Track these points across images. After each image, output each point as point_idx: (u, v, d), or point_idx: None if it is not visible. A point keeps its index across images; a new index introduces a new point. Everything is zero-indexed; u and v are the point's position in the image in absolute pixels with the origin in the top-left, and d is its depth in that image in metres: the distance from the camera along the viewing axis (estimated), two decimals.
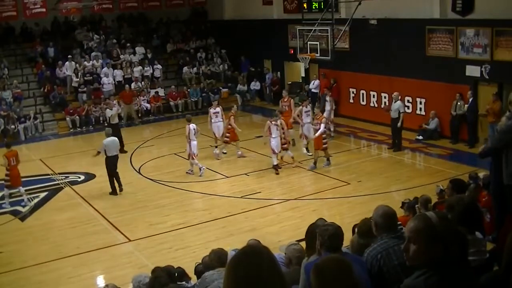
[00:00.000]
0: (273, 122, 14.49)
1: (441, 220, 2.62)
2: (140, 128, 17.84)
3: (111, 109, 17.51)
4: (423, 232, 2.59)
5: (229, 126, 16.03)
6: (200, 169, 14.62)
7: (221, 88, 24.69)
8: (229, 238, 10.47)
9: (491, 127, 14.84)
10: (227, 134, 16.22)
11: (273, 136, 14.42)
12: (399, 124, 15.62)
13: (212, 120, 16.57)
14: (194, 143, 14.45)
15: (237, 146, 16.37)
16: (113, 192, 13.62)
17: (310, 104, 16.76)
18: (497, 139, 6.29)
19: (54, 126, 21.48)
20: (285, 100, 17.18)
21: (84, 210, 12.87)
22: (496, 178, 6.33)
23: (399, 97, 15.94)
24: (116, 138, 14.04)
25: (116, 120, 17.37)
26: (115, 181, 13.61)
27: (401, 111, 15.62)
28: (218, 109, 16.76)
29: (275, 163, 14.67)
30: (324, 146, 14.59)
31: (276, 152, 14.58)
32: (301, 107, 16.15)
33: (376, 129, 18.42)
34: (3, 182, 13.31)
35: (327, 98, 17.98)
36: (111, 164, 13.46)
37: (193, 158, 14.59)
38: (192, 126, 14.55)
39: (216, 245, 6.62)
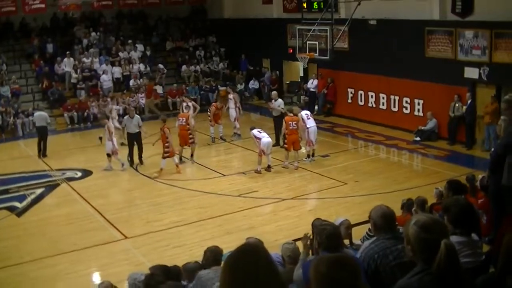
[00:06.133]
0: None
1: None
2: None
3: (133, 118, 15.58)
4: None
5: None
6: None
7: (219, 86, 24.67)
8: (226, 236, 10.47)
9: (487, 129, 14.90)
10: None
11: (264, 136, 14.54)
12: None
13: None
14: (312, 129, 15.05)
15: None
16: (39, 155, 16.58)
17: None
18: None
19: (52, 122, 21.35)
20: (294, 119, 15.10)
21: (81, 206, 12.84)
22: (495, 179, 6.35)
23: (277, 97, 16.87)
24: (43, 113, 17.29)
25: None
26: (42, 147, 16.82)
27: (282, 107, 16.33)
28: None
29: (269, 163, 14.64)
30: (191, 141, 15.62)
31: (266, 153, 14.47)
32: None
33: (374, 130, 18.45)
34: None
35: (230, 96, 18.61)
36: (39, 132, 16.98)
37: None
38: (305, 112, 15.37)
39: (213, 243, 6.60)
